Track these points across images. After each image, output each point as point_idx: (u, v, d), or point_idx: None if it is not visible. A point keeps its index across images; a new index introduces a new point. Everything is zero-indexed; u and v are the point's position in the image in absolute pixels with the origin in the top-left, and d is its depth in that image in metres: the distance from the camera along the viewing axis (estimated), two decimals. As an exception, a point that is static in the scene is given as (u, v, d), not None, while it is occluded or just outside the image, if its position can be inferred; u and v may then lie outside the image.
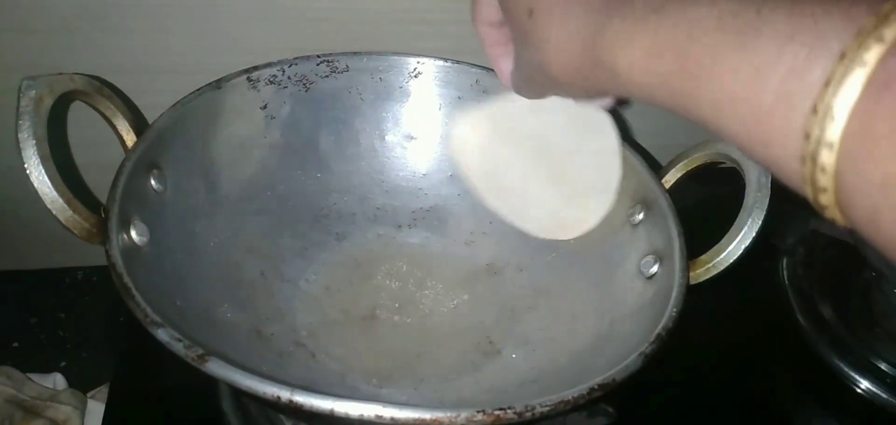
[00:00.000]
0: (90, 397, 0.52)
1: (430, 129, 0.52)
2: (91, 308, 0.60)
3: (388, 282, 0.48)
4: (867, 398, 0.50)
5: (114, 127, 0.40)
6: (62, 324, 0.59)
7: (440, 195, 0.52)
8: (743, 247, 0.38)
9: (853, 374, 0.50)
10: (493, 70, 0.50)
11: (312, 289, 0.47)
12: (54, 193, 0.34)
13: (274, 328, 0.43)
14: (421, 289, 0.48)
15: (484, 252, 0.50)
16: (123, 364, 0.47)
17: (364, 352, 0.43)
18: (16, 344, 0.57)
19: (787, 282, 0.56)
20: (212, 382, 0.45)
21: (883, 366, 0.51)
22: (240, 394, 0.44)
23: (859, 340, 0.52)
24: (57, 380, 0.52)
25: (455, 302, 0.48)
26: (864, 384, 0.50)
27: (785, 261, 0.57)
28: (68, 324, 0.59)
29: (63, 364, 0.56)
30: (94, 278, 0.62)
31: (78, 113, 0.48)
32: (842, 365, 0.51)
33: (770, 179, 0.39)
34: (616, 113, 0.43)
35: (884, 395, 0.49)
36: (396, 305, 0.47)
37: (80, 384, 0.54)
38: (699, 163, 0.43)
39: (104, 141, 0.42)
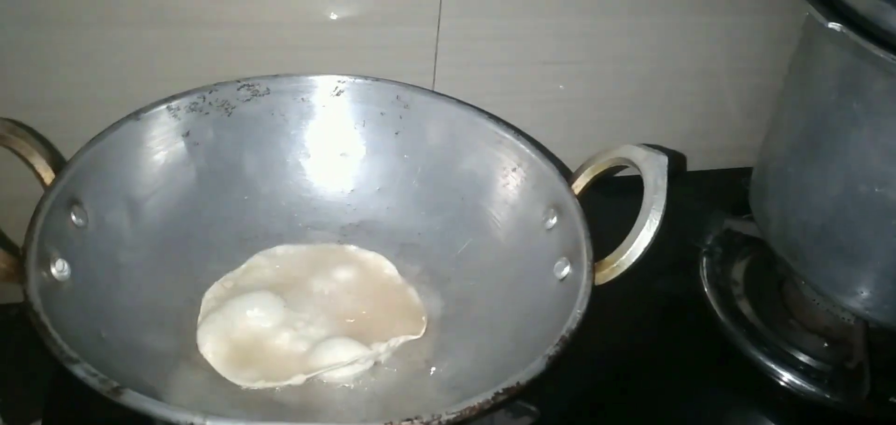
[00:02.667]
0: (25, 433, 0.52)
1: (356, 146, 0.53)
2: (26, 344, 0.59)
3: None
4: (791, 390, 0.52)
5: (31, 166, 0.41)
6: (-4, 362, 0.58)
7: (368, 210, 0.54)
8: (643, 245, 0.40)
9: (774, 367, 0.52)
10: (412, 86, 0.52)
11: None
12: (-32, 238, 0.35)
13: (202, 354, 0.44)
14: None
15: (412, 265, 0.52)
16: (54, 397, 0.47)
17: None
18: (-52, 384, 0.56)
19: (705, 280, 0.59)
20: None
21: (801, 357, 0.53)
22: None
23: (776, 333, 0.55)
24: (-9, 418, 0.52)
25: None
26: (787, 376, 0.52)
27: (704, 260, 0.60)
28: (2, 362, 0.58)
29: (-1, 401, 0.55)
30: (28, 315, 0.61)
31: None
32: (761, 358, 0.53)
33: (666, 181, 0.41)
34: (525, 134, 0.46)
35: (805, 385, 0.51)
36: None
37: (15, 421, 0.54)
38: (605, 168, 0.45)
39: (20, 177, 0.42)
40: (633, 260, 0.41)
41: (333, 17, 0.52)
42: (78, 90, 0.50)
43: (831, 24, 0.44)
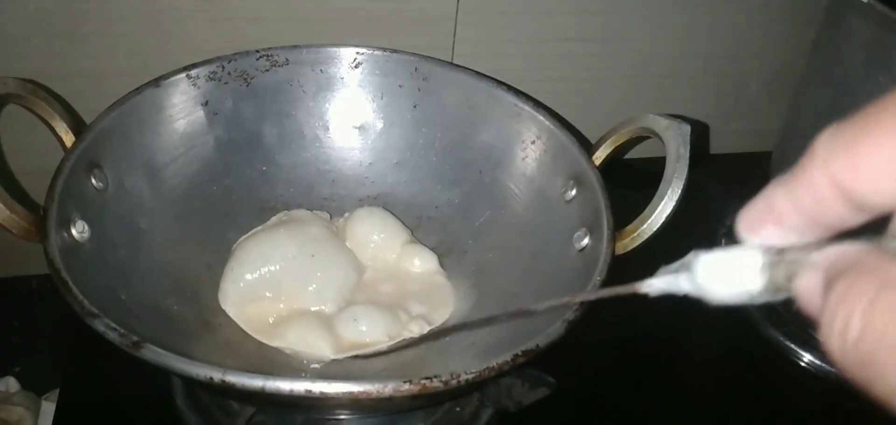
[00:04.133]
0: (44, 399, 0.52)
1: (374, 119, 0.53)
2: (45, 315, 0.60)
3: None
4: (811, 370, 0.52)
5: (52, 128, 0.41)
6: (16, 332, 0.59)
7: (386, 183, 0.53)
8: (665, 214, 0.40)
9: (794, 347, 0.52)
10: (431, 58, 0.52)
11: (260, 280, 0.47)
12: (-10, 194, 0.35)
13: (221, 319, 0.44)
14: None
15: (429, 237, 0.51)
16: (75, 363, 0.48)
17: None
18: (-32, 352, 0.57)
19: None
20: (164, 380, 0.45)
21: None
22: (192, 389, 0.45)
23: (796, 314, 0.54)
24: (10, 384, 0.53)
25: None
26: (808, 357, 0.52)
27: (723, 242, 0.59)
28: (22, 332, 0.59)
29: (17, 369, 0.56)
30: (47, 286, 0.61)
31: (15, 119, 0.48)
32: (781, 338, 0.53)
33: (688, 150, 0.40)
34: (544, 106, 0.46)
35: (825, 366, 0.51)
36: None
37: (35, 388, 0.54)
38: (626, 138, 0.45)
39: (43, 147, 0.42)
40: (655, 228, 0.40)
41: (353, -12, 0.52)
42: (100, 60, 0.50)
43: (859, -4, 0.44)
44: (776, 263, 0.19)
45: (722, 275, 0.19)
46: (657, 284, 0.21)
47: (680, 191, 0.40)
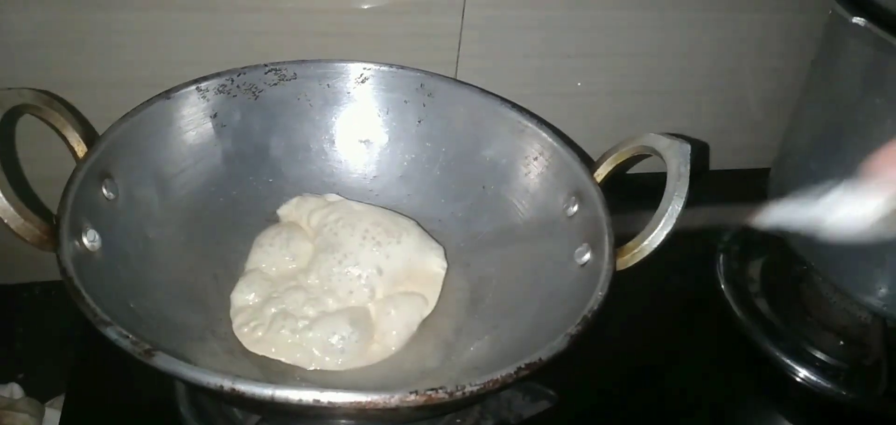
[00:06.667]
0: (48, 406, 0.53)
1: (379, 133, 0.54)
2: (48, 322, 0.60)
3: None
4: (806, 386, 0.52)
5: (65, 139, 0.42)
6: (19, 338, 0.59)
7: (390, 196, 0.54)
8: (665, 232, 0.41)
9: (790, 363, 0.53)
10: (436, 75, 0.52)
11: (265, 290, 0.48)
12: (5, 202, 0.35)
13: (227, 328, 0.45)
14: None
15: (432, 249, 0.52)
16: (78, 373, 0.48)
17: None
18: (-28, 359, 0.57)
19: (722, 277, 0.59)
20: (168, 388, 0.46)
21: (817, 354, 0.53)
22: (196, 396, 0.45)
23: (793, 330, 0.55)
24: (14, 390, 0.53)
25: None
26: (803, 373, 0.52)
27: (721, 257, 0.60)
28: (26, 338, 0.59)
29: (21, 376, 0.56)
30: (52, 292, 0.62)
31: (30, 129, 0.49)
32: (778, 354, 0.53)
33: (689, 169, 0.41)
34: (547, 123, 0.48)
35: (821, 382, 0.52)
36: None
37: (38, 394, 0.55)
38: (628, 156, 0.45)
39: (56, 156, 0.43)
40: (655, 245, 0.41)
41: (361, 6, 0.53)
42: (111, 72, 0.51)
43: (855, 19, 0.45)
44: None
45: (847, 207, 0.22)
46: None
47: (680, 208, 0.41)
